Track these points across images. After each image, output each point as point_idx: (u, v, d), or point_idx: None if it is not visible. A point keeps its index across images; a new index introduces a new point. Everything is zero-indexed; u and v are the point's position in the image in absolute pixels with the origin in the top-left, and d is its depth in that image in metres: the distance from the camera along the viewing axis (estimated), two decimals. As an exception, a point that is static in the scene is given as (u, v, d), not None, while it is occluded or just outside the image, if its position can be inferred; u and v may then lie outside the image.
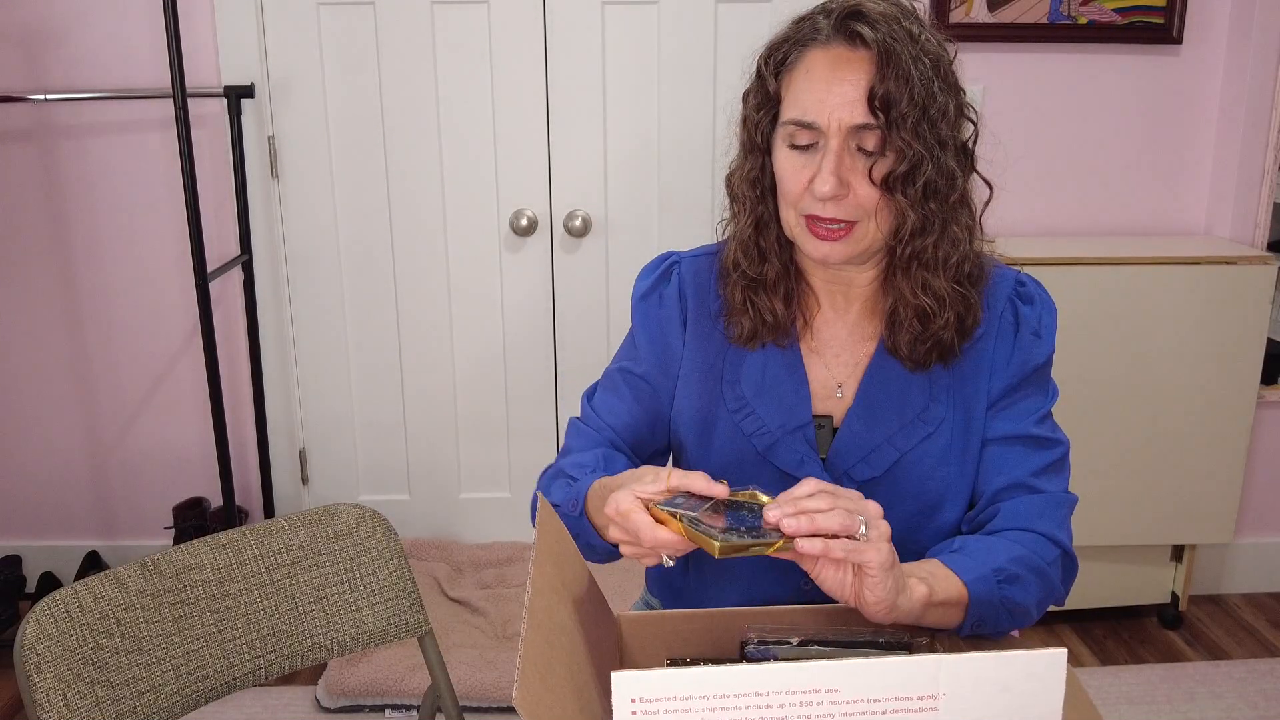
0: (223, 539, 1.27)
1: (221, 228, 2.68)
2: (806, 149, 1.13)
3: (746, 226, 1.22)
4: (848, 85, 1.09)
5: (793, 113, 1.13)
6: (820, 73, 1.11)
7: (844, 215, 1.13)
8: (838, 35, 1.11)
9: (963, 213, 1.17)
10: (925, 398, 1.21)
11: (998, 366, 1.22)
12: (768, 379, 1.24)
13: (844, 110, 1.09)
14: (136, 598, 1.18)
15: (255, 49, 2.60)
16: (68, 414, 2.83)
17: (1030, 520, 1.17)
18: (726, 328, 1.25)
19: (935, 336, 1.18)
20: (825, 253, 1.15)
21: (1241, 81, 2.62)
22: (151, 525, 2.87)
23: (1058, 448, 1.22)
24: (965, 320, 1.19)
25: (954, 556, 1.10)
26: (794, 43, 1.15)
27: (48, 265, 2.72)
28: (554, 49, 2.65)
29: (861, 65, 1.09)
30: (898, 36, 1.09)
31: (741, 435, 1.23)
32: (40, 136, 2.63)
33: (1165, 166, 2.75)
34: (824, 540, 0.92)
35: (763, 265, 1.22)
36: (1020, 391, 1.22)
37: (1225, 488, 2.59)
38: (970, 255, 1.18)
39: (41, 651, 1.09)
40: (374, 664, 2.40)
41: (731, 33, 2.67)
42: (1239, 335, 2.49)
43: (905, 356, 1.21)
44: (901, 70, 1.08)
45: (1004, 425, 1.21)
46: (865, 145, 1.10)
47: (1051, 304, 1.25)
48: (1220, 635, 2.73)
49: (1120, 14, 2.60)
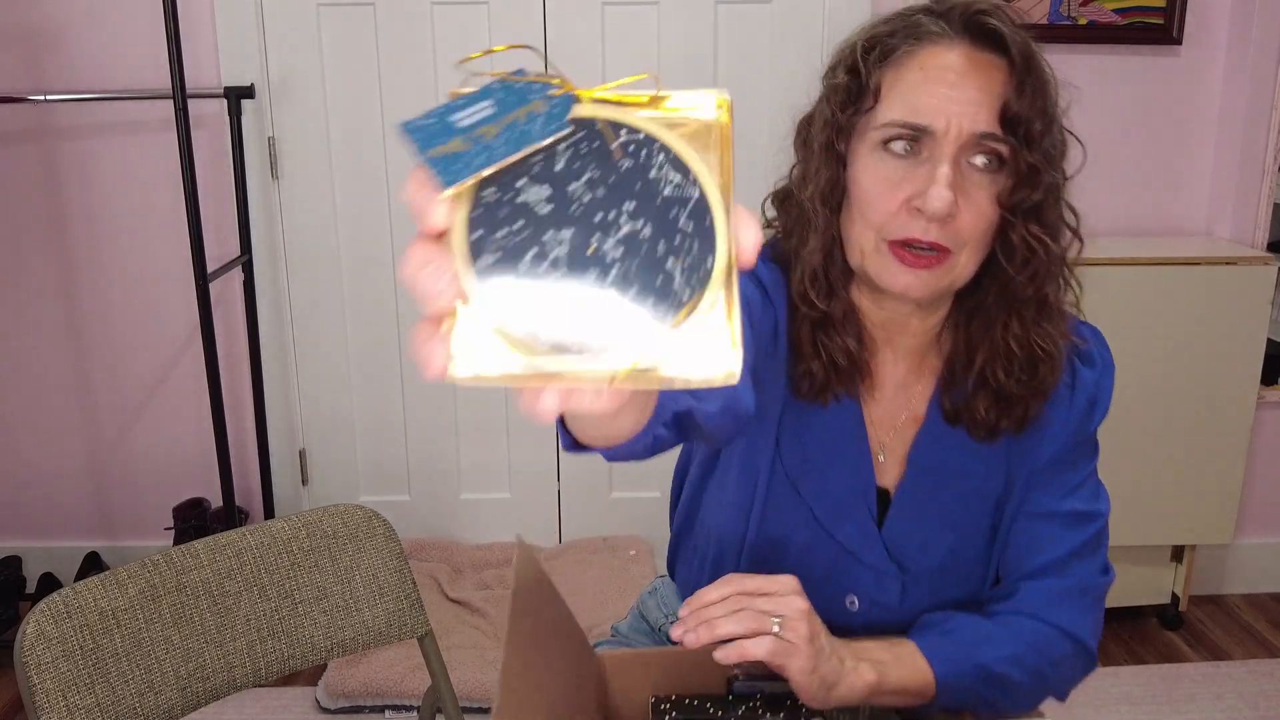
0: (223, 540, 1.27)
1: (221, 228, 2.68)
2: (904, 157, 0.96)
3: (815, 253, 1.02)
4: (973, 89, 0.94)
5: (898, 113, 0.96)
6: (940, 71, 0.95)
7: (944, 240, 0.95)
8: (965, 32, 0.96)
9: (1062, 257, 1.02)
10: (983, 468, 1.07)
11: (1048, 434, 1.07)
12: (831, 431, 1.07)
13: (967, 115, 0.93)
14: (136, 598, 1.18)
15: (255, 50, 2.60)
16: (67, 414, 2.83)
17: (1049, 610, 1.06)
18: (794, 378, 1.05)
19: (1025, 398, 1.02)
20: (907, 284, 0.97)
21: (1241, 81, 2.62)
22: (151, 526, 2.87)
23: (1095, 521, 1.10)
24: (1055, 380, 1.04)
25: (938, 639, 1.02)
26: (903, 36, 0.98)
27: (48, 266, 2.72)
28: (554, 49, 2.65)
29: (992, 69, 0.95)
30: (1032, 45, 0.96)
31: (798, 499, 1.07)
32: (40, 137, 2.63)
33: (1165, 167, 2.75)
34: (737, 647, 0.88)
35: (830, 300, 1.02)
36: (1065, 462, 1.09)
37: (1225, 488, 2.59)
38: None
39: (41, 652, 1.09)
40: (374, 665, 2.40)
41: (731, 33, 2.67)
42: (1239, 335, 2.49)
43: (977, 422, 1.04)
44: (1039, 83, 0.95)
45: (1042, 500, 1.08)
46: (980, 162, 0.95)
47: (1111, 363, 1.11)
48: (1220, 636, 2.73)
49: (1120, 14, 2.60)
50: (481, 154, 0.47)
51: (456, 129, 0.48)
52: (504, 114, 0.49)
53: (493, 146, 0.48)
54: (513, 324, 0.46)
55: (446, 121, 0.49)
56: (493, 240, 0.46)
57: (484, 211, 0.47)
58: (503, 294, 0.46)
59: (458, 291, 0.45)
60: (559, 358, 0.46)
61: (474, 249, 0.46)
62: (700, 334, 0.46)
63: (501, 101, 0.50)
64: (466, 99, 0.50)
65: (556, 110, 0.49)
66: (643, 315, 0.46)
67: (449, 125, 0.49)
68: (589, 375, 0.46)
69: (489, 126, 0.48)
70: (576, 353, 0.46)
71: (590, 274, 0.46)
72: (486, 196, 0.47)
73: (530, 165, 0.47)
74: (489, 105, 0.50)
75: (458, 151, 0.47)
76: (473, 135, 0.48)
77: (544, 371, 0.46)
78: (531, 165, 0.47)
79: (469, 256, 0.46)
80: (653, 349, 0.45)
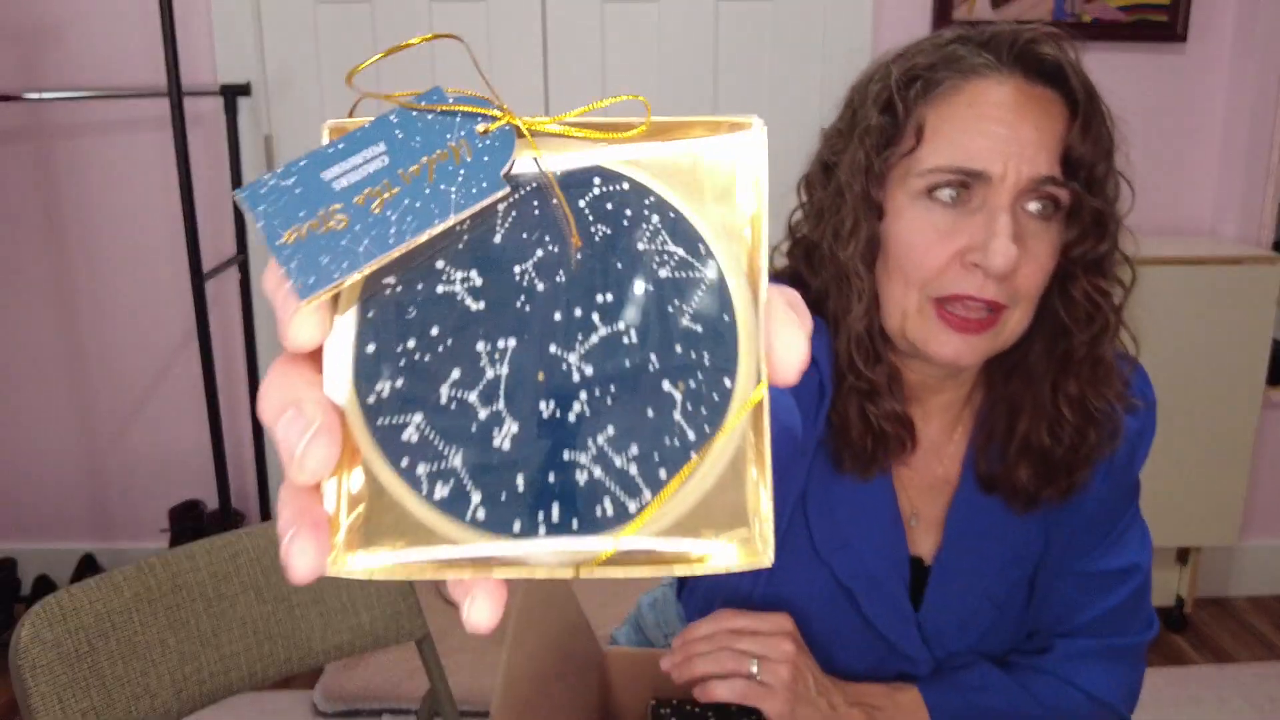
0: (219, 542, 1.26)
1: (218, 227, 2.66)
2: (952, 205, 0.86)
3: (859, 319, 0.89)
4: (1030, 128, 0.84)
5: (947, 156, 0.85)
6: (992, 109, 0.85)
7: (1001, 297, 0.85)
8: (1017, 65, 0.87)
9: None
10: (1022, 533, 0.98)
11: (1089, 492, 0.97)
12: (862, 500, 0.96)
13: (1026, 158, 0.84)
14: (132, 601, 1.17)
15: (252, 47, 2.59)
16: (63, 416, 2.81)
17: (1076, 670, 0.99)
18: (836, 454, 0.94)
19: (1073, 466, 0.92)
20: (957, 351, 0.86)
21: (1247, 79, 2.61)
22: (147, 528, 2.85)
23: (1135, 576, 1.00)
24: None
25: (946, 691, 0.96)
26: (945, 68, 0.88)
27: (42, 265, 2.70)
28: (553, 48, 2.64)
29: (1049, 106, 0.86)
30: (1089, 80, 0.88)
31: (828, 574, 0.97)
32: (35, 136, 2.61)
33: (1170, 165, 2.74)
34: (707, 688, 0.87)
35: (876, 366, 0.91)
36: (1105, 518, 1.00)
37: (1230, 489, 2.58)
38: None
39: (37, 655, 1.08)
40: (371, 668, 2.39)
41: (732, 32, 2.65)
42: (1245, 335, 2.48)
43: (1016, 491, 0.94)
44: (1100, 121, 0.88)
45: (1081, 560, 1.00)
46: (1036, 208, 0.86)
47: (1154, 401, 1.00)
48: (1225, 638, 2.72)
49: (1124, 12, 2.58)
50: (365, 237, 0.30)
51: (327, 192, 0.32)
52: (405, 163, 0.32)
53: (383, 223, 0.31)
54: (425, 493, 0.30)
55: (314, 181, 0.32)
56: (393, 359, 0.30)
57: (380, 312, 0.31)
58: (411, 448, 0.30)
59: (338, 447, 0.30)
60: (497, 541, 0.30)
61: (364, 374, 0.30)
62: (711, 501, 0.30)
63: (402, 144, 0.33)
64: (348, 141, 0.33)
65: (490, 156, 0.33)
66: (624, 474, 0.30)
67: (318, 187, 0.32)
68: (541, 563, 0.30)
69: (378, 188, 0.32)
70: (523, 534, 0.30)
71: (545, 408, 0.30)
72: (385, 288, 0.31)
73: (452, 237, 0.32)
74: (381, 151, 0.33)
75: (328, 233, 0.30)
76: (354, 204, 0.31)
77: (473, 559, 0.30)
78: (455, 237, 0.32)
79: (356, 389, 0.30)
80: (640, 527, 0.30)
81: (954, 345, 0.86)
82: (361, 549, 0.30)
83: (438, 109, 0.34)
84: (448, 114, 0.34)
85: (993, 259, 0.82)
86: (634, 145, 0.33)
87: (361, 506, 0.30)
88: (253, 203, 0.31)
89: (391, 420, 0.30)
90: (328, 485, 0.30)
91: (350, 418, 0.30)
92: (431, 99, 0.34)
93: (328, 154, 0.33)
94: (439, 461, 0.30)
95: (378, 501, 0.30)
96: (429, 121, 0.34)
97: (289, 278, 0.30)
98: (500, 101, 0.34)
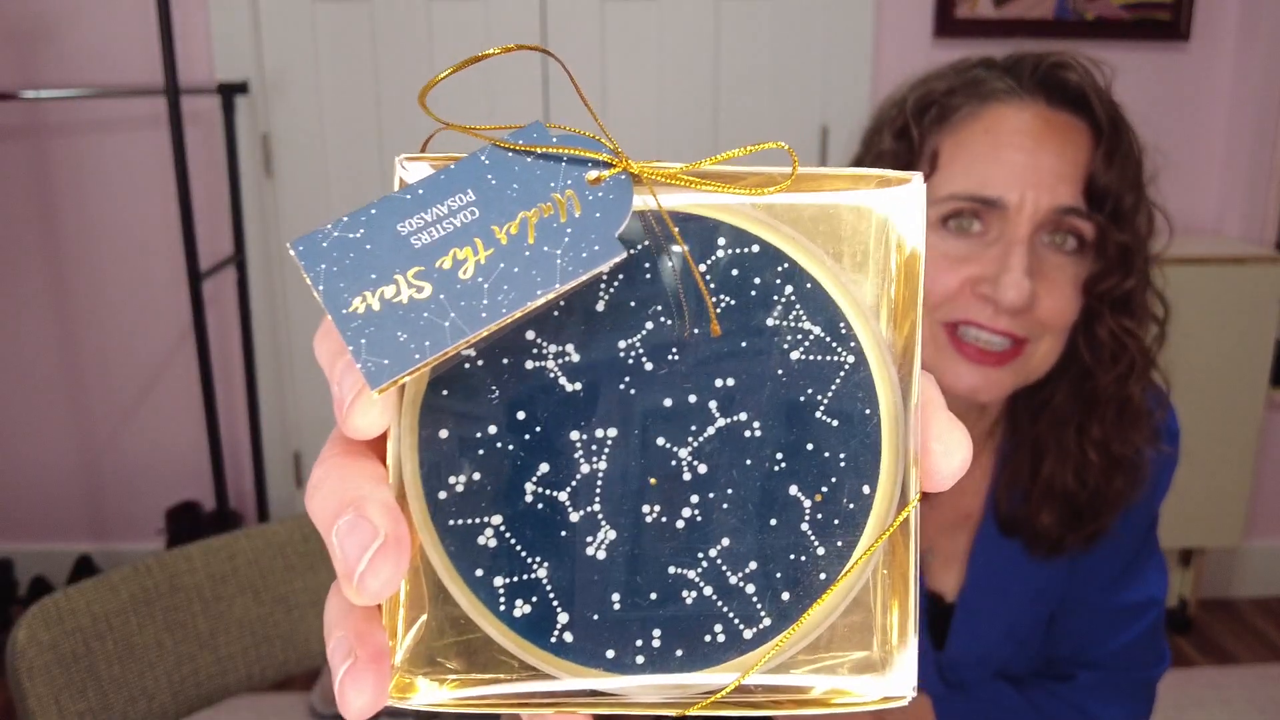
0: (216, 543, 1.25)
1: (215, 226, 2.65)
2: (968, 235, 0.83)
3: None
4: (1051, 156, 0.81)
5: (962, 184, 0.82)
6: (1011, 136, 0.81)
7: (1019, 330, 0.82)
8: (1040, 89, 0.84)
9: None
10: (1047, 571, 0.96)
11: (1112, 530, 0.95)
12: None
13: (1045, 187, 0.80)
14: (129, 602, 1.16)
15: (249, 45, 2.58)
16: (59, 416, 2.80)
17: (1091, 699, 0.97)
18: None
19: (1098, 511, 0.89)
20: (974, 385, 0.83)
21: (1251, 78, 2.60)
22: (144, 529, 2.84)
23: (1151, 610, 0.98)
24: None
25: (958, 703, 0.94)
26: (964, 94, 0.85)
27: (38, 265, 2.69)
28: (552, 48, 2.63)
29: (1072, 133, 0.83)
30: (1117, 107, 0.84)
31: None
32: (31, 134, 2.60)
33: (1173, 164, 2.71)
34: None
35: None
36: (1124, 553, 0.97)
37: (1234, 490, 2.57)
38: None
39: (33, 657, 1.07)
40: (371, 670, 2.38)
41: (733, 32, 2.64)
42: (1248, 336, 2.47)
43: (1038, 535, 0.91)
44: (1127, 150, 0.84)
45: (1098, 595, 0.97)
46: (1059, 241, 0.83)
47: (1177, 431, 0.98)
48: (1229, 640, 2.71)
49: (1127, 10, 2.57)
50: (451, 309, 0.25)
51: (404, 251, 0.25)
52: (500, 217, 0.26)
53: (474, 293, 0.25)
54: (503, 610, 0.26)
55: (388, 235, 0.26)
56: (471, 448, 0.26)
57: (457, 390, 0.26)
58: (488, 555, 0.26)
59: (406, 563, 0.25)
60: (586, 673, 0.26)
61: (434, 465, 0.26)
62: (843, 629, 0.27)
63: (496, 192, 0.27)
64: (429, 186, 0.27)
65: (601, 211, 0.26)
66: (740, 594, 0.26)
67: (392, 243, 0.26)
68: (637, 700, 0.26)
69: (468, 248, 0.26)
70: (617, 663, 0.26)
71: (649, 512, 0.26)
72: (463, 361, 0.26)
73: (547, 307, 0.27)
74: (470, 201, 0.26)
75: (407, 303, 0.25)
76: (437, 268, 0.25)
77: (557, 693, 0.26)
78: (549, 307, 0.27)
79: (424, 483, 0.26)
80: (761, 661, 0.26)
81: (971, 379, 0.83)
82: (424, 673, 0.26)
83: (537, 150, 0.27)
84: (550, 156, 0.27)
85: (1004, 293, 0.79)
86: (765, 197, 0.28)
87: (423, 618, 0.26)
88: (310, 260, 0.25)
89: (466, 521, 0.26)
90: (389, 609, 0.26)
91: (415, 515, 0.26)
92: (531, 136, 0.28)
93: (404, 201, 0.26)
94: (521, 573, 0.26)
95: (444, 616, 0.26)
96: (528, 165, 0.27)
97: (356, 357, 0.24)
98: (613, 142, 0.28)
